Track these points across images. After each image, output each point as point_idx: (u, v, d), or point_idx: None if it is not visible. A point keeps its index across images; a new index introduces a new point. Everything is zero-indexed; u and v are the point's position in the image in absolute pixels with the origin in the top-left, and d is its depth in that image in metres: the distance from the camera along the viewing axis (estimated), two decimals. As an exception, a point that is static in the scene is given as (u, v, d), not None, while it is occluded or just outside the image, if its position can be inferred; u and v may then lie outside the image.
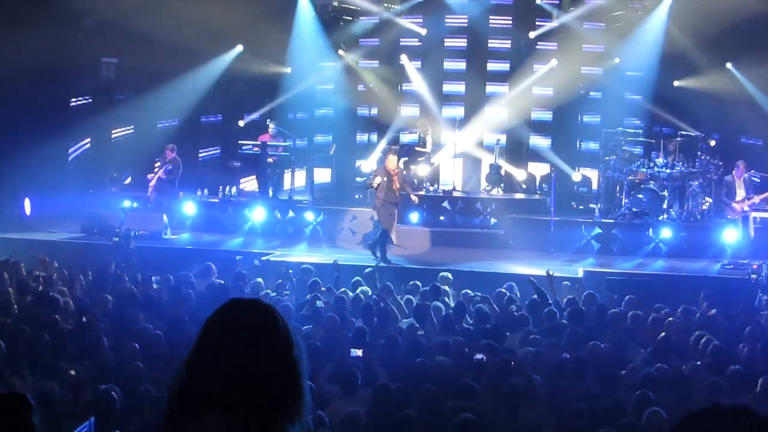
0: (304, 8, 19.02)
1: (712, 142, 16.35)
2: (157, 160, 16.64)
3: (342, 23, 19.67)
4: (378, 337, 8.99)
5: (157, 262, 13.06)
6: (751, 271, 12.71)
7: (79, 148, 18.92)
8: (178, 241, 15.54)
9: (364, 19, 19.49)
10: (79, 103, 18.85)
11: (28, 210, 16.46)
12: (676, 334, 9.43)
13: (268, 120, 17.99)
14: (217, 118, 20.05)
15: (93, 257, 13.21)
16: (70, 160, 18.73)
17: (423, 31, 19.19)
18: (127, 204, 16.36)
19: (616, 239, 15.67)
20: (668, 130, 17.97)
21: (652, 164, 16.21)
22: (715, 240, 15.12)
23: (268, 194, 17.35)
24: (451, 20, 19.52)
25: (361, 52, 19.69)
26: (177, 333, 8.62)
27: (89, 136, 19.01)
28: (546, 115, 19.58)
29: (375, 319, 9.79)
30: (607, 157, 16.91)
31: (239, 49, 18.61)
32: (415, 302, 10.80)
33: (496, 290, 11.47)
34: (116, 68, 19.09)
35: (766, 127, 17.21)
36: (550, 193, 16.62)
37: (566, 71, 18.45)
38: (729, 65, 17.53)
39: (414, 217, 16.35)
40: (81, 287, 11.12)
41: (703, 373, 7.82)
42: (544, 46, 19.15)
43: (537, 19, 19.22)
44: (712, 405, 1.91)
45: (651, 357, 8.43)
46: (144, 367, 7.55)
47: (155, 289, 11.17)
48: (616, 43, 18.40)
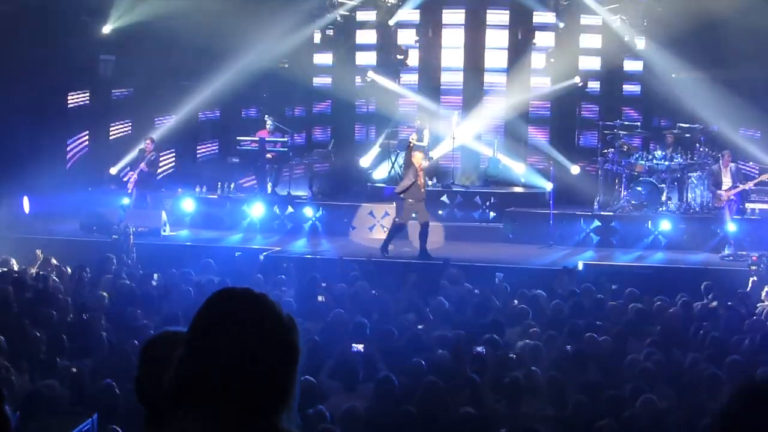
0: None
1: (714, 130, 16.34)
2: (140, 151, 16.62)
3: (340, 18, 19.67)
4: (378, 331, 8.98)
5: (156, 259, 13.06)
6: (751, 262, 12.70)
7: (78, 146, 18.90)
8: (177, 238, 15.53)
9: (362, 13, 19.50)
10: (77, 100, 18.81)
11: (26, 208, 16.45)
12: (675, 326, 9.44)
13: (266, 116, 17.97)
14: (215, 114, 20.03)
15: (92, 255, 13.20)
16: (69, 157, 18.71)
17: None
18: (126, 201, 16.34)
19: (616, 232, 15.68)
20: (666, 123, 17.96)
21: (651, 156, 16.22)
22: (715, 231, 15.12)
23: (266, 190, 17.35)
24: (449, 12, 19.54)
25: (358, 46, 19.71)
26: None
27: (87, 134, 18.98)
28: (543, 109, 19.60)
29: (374, 315, 9.80)
30: (606, 150, 16.91)
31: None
32: (415, 296, 10.81)
33: (495, 284, 11.48)
34: (114, 65, 19.05)
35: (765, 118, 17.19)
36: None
37: (564, 64, 18.45)
38: None
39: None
40: (80, 285, 11.12)
41: (702, 365, 7.83)
42: (542, 38, 19.17)
43: (535, 12, 19.24)
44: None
45: (650, 349, 8.43)
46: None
47: (155, 286, 11.16)
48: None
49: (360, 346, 8.21)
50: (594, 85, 19.51)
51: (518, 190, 18.40)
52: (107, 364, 7.69)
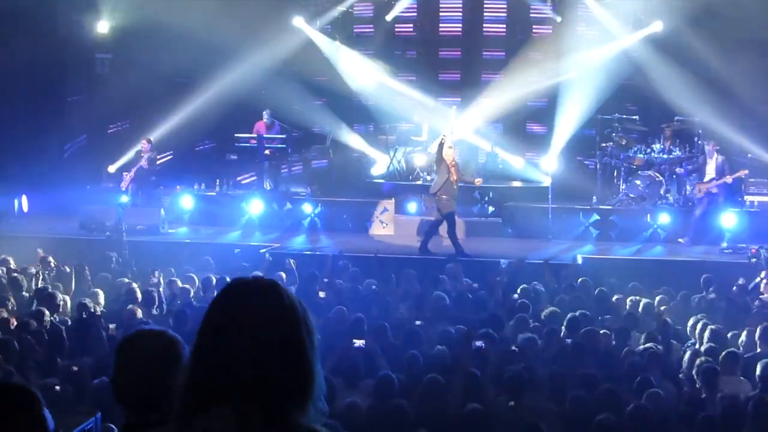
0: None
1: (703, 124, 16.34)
2: (136, 153, 16.63)
3: (338, 15, 19.65)
4: (377, 327, 8.98)
5: (154, 257, 13.05)
6: (750, 255, 12.71)
7: (76, 144, 18.88)
8: (176, 235, 15.52)
9: (359, 7, 19.49)
10: (75, 100, 18.79)
11: (25, 207, 16.44)
12: (674, 319, 9.45)
13: (264, 111, 17.91)
14: (213, 112, 19.93)
15: (91, 253, 13.19)
16: (67, 156, 18.69)
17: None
18: (124, 199, 16.34)
19: (615, 225, 15.68)
20: (664, 116, 17.91)
21: (649, 150, 16.21)
22: (713, 224, 15.11)
23: (265, 186, 17.33)
24: (446, 7, 19.52)
25: (356, 41, 19.68)
26: (177, 327, 8.61)
27: (85, 132, 18.96)
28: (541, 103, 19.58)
29: (374, 310, 9.80)
30: (604, 144, 16.89)
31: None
32: (415, 292, 10.81)
33: (495, 278, 11.47)
34: (111, 64, 19.03)
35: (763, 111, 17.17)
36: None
37: (561, 58, 18.43)
38: None
39: (412, 207, 16.34)
40: (80, 283, 11.11)
41: (701, 357, 7.83)
42: (540, 32, 19.16)
43: (532, 5, 19.22)
44: None
45: (650, 342, 8.44)
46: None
47: (154, 284, 11.15)
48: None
49: (361, 342, 8.20)
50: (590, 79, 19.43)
51: (517, 184, 18.38)
52: (107, 363, 7.68)
